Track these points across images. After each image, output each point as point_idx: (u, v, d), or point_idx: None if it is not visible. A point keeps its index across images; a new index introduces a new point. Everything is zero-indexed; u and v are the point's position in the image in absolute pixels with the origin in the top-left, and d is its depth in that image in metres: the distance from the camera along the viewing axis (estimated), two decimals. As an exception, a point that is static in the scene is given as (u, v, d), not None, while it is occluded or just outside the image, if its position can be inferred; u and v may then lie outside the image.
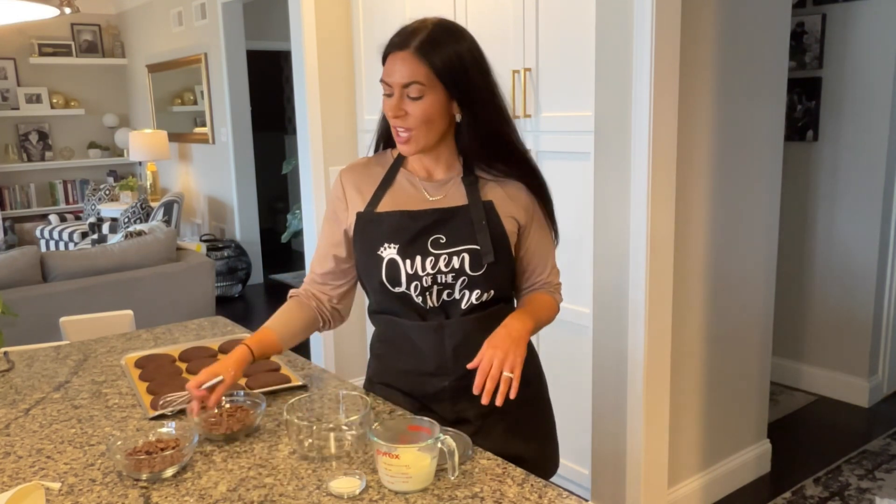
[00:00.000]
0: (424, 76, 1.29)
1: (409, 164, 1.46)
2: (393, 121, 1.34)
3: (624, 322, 2.35)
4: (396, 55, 1.32)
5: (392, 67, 1.32)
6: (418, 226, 1.37)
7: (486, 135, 1.37)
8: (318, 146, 3.50)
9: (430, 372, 1.42)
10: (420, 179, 1.43)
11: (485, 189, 1.41)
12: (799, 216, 3.69)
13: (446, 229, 1.37)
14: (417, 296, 1.38)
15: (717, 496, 2.74)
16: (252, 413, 1.35)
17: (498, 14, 2.69)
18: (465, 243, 1.36)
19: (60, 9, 1.91)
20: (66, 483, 1.18)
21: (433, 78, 1.30)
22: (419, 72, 1.29)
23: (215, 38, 5.95)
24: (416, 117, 1.32)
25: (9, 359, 1.81)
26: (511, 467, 1.20)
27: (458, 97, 1.33)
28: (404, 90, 1.31)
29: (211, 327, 2.05)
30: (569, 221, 2.56)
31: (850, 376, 3.59)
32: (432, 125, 1.34)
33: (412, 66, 1.29)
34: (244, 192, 6.21)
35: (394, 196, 1.42)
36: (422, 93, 1.30)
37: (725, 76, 2.46)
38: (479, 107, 1.35)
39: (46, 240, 6.43)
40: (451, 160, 1.43)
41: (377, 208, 1.41)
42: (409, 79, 1.30)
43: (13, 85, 6.99)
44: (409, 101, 1.31)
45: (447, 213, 1.38)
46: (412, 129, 1.33)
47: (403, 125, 1.33)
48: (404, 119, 1.33)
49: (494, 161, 1.40)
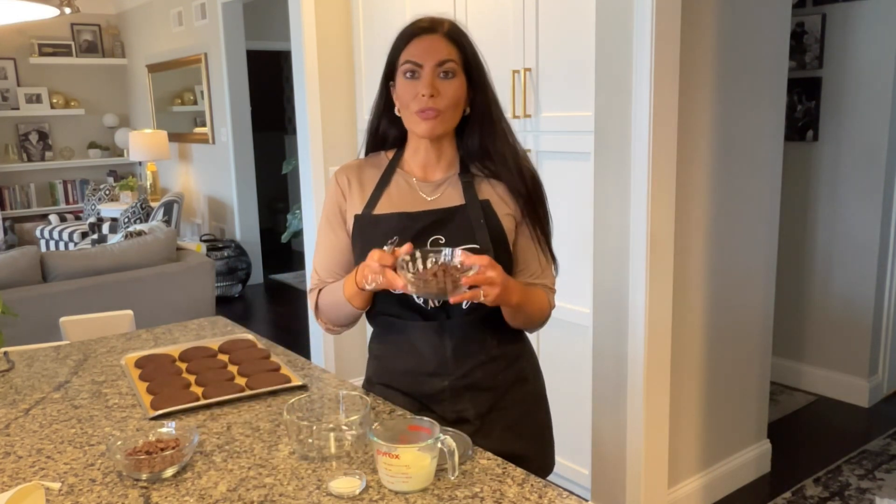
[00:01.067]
0: (457, 56, 1.35)
1: (405, 165, 1.45)
2: (424, 101, 1.33)
3: (624, 322, 2.35)
4: (427, 37, 1.35)
5: (422, 47, 1.34)
6: (417, 227, 1.37)
7: (489, 132, 1.39)
8: (318, 146, 3.50)
9: (429, 372, 1.42)
10: (416, 180, 1.43)
11: (480, 187, 1.41)
12: (799, 216, 3.69)
13: (445, 229, 1.37)
14: (418, 297, 1.38)
15: (717, 496, 2.74)
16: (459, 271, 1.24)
17: (498, 14, 2.69)
18: (465, 243, 1.36)
19: (60, 9, 1.91)
20: (66, 483, 1.18)
21: (461, 62, 1.35)
22: (452, 52, 1.34)
23: (215, 38, 5.95)
24: (448, 97, 1.34)
25: (9, 359, 1.81)
26: (511, 467, 1.20)
27: (476, 87, 1.37)
28: (437, 69, 1.33)
29: (211, 327, 2.05)
30: (569, 221, 2.56)
31: (850, 376, 3.59)
32: (457, 109, 1.37)
33: (446, 46, 1.34)
34: (244, 192, 6.21)
35: (391, 197, 1.42)
36: (455, 71, 1.34)
37: (725, 76, 2.46)
38: (488, 103, 1.39)
39: (46, 240, 6.43)
40: (451, 157, 1.44)
41: (375, 210, 1.41)
42: (445, 56, 1.33)
43: (13, 85, 6.99)
44: (441, 80, 1.33)
45: (446, 213, 1.38)
46: (442, 109, 1.34)
47: (435, 105, 1.33)
48: (437, 99, 1.33)
49: (490, 159, 1.41)
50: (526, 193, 1.41)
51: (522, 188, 1.41)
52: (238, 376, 1.59)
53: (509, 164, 1.41)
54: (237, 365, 1.66)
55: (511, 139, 1.43)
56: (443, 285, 1.22)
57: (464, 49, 1.36)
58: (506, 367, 1.45)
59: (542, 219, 1.45)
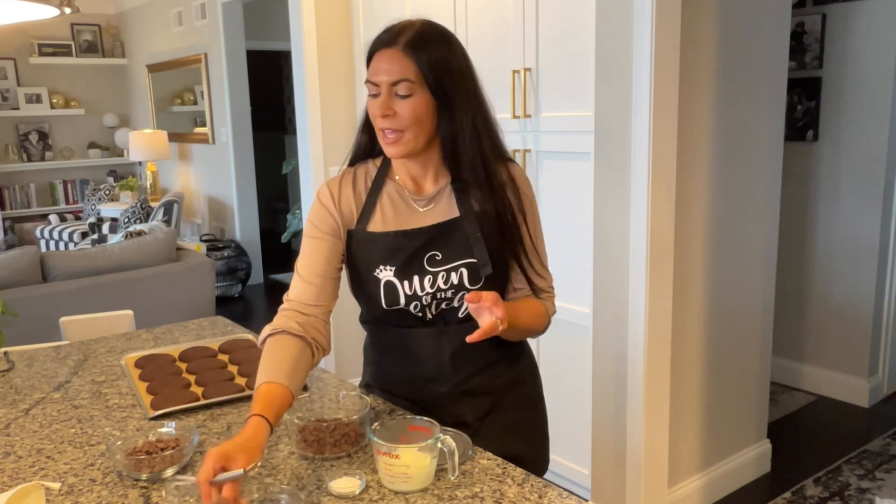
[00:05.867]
0: (413, 74, 1.25)
1: (395, 176, 1.38)
2: (380, 121, 1.27)
3: (624, 322, 2.35)
4: (384, 52, 1.27)
5: (379, 65, 1.27)
6: (414, 245, 1.33)
7: (464, 141, 1.30)
8: (318, 146, 3.50)
9: (427, 378, 1.40)
10: (409, 192, 1.37)
11: (475, 194, 1.34)
12: (799, 216, 3.69)
13: (442, 245, 1.33)
14: (417, 311, 1.35)
15: (717, 496, 2.74)
16: None
17: (498, 14, 2.69)
18: (462, 258, 1.33)
19: (60, 9, 1.91)
20: (66, 483, 1.18)
21: (421, 76, 1.25)
22: (408, 69, 1.25)
23: (215, 38, 5.95)
24: (405, 117, 1.26)
25: (9, 359, 1.81)
26: (511, 467, 1.20)
27: (442, 99, 1.27)
28: (392, 88, 1.25)
29: (211, 327, 2.05)
30: (569, 221, 2.56)
31: (850, 376, 3.59)
32: (422, 126, 1.27)
33: (401, 63, 1.25)
34: (244, 192, 6.21)
35: (384, 212, 1.36)
36: (411, 91, 1.25)
37: (725, 76, 2.46)
38: (463, 111, 1.29)
39: (46, 240, 6.43)
40: (439, 168, 1.36)
41: (369, 226, 1.35)
42: (398, 76, 1.25)
43: (13, 85, 6.99)
44: (397, 99, 1.26)
45: (441, 228, 1.33)
46: (401, 129, 1.27)
47: (391, 126, 1.27)
48: (392, 119, 1.26)
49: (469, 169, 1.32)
50: (494, 211, 1.33)
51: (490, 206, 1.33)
52: (238, 376, 1.59)
53: (480, 181, 1.33)
54: (237, 365, 1.66)
55: (489, 149, 1.33)
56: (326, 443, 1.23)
57: (423, 62, 1.24)
58: (504, 371, 1.45)
59: (530, 224, 1.39)
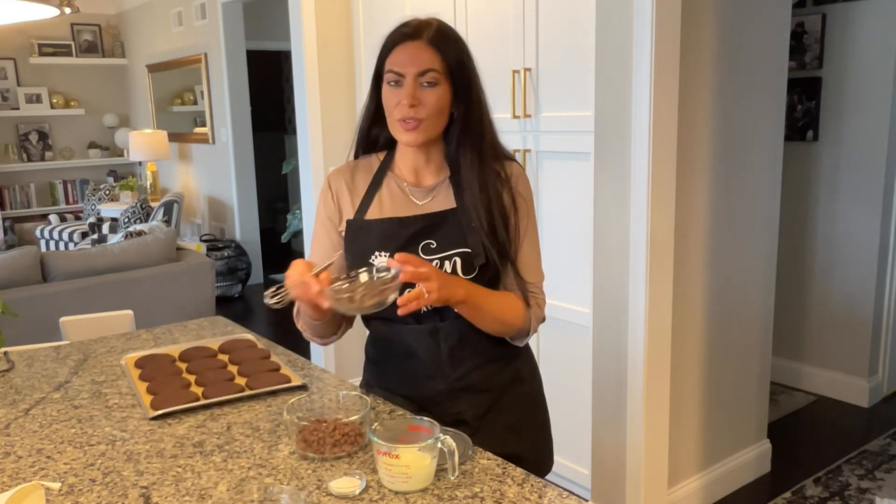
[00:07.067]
0: (439, 65, 1.31)
1: (396, 169, 1.44)
2: (406, 110, 1.31)
3: (624, 322, 2.35)
4: (408, 45, 1.32)
5: (404, 56, 1.32)
6: (408, 232, 1.36)
7: (475, 136, 1.37)
8: (318, 146, 3.50)
9: (426, 375, 1.41)
10: (408, 185, 1.42)
11: (471, 188, 1.38)
12: (799, 216, 3.69)
13: (436, 234, 1.36)
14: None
15: (717, 496, 2.74)
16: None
17: (498, 14, 2.69)
18: (456, 247, 1.36)
19: (60, 9, 1.91)
20: (66, 483, 1.18)
21: (445, 68, 1.32)
22: (434, 60, 1.31)
23: (215, 38, 5.95)
24: (429, 106, 1.31)
25: (9, 359, 1.81)
26: (511, 467, 1.20)
27: (461, 93, 1.34)
28: (419, 78, 1.31)
29: (211, 327, 2.05)
30: (569, 221, 2.56)
31: (850, 376, 3.59)
32: (441, 116, 1.34)
33: (427, 54, 1.31)
34: (244, 192, 6.21)
35: (382, 202, 1.41)
36: (436, 80, 1.31)
37: (725, 76, 2.46)
38: (475, 107, 1.36)
39: (46, 240, 6.43)
40: (440, 162, 1.42)
41: (366, 215, 1.40)
42: (425, 66, 1.30)
43: (13, 85, 6.99)
44: (422, 89, 1.31)
45: (436, 217, 1.37)
46: (423, 118, 1.32)
47: (416, 115, 1.31)
48: (418, 109, 1.31)
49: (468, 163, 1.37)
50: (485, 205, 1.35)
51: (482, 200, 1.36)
52: (238, 376, 1.59)
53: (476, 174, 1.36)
54: (237, 365, 1.66)
55: (493, 147, 1.40)
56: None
57: (448, 55, 1.32)
58: (502, 369, 1.45)
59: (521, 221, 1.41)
